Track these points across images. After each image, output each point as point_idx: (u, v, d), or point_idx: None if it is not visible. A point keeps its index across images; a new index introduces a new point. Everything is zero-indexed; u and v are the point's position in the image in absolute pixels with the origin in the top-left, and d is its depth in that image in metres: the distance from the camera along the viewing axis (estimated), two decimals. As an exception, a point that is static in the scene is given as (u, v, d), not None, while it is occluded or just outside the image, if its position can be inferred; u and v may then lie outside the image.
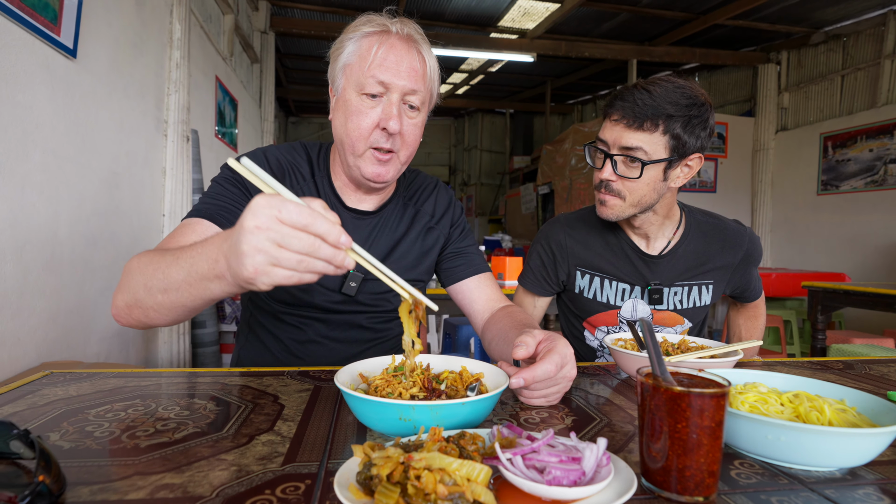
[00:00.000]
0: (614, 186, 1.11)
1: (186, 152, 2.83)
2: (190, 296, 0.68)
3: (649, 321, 0.51)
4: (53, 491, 0.43)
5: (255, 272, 0.54)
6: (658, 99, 1.03)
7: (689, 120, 1.04)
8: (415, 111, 0.95)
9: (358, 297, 1.03)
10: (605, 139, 1.11)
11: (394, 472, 0.43)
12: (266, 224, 0.53)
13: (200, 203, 0.93)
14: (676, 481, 0.47)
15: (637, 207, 1.13)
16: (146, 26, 2.48)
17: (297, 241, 0.53)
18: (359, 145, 0.93)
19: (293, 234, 0.53)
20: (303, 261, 0.54)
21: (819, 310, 3.13)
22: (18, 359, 1.57)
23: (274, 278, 0.55)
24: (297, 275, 0.56)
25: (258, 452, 0.55)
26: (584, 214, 1.31)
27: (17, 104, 1.56)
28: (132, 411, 0.67)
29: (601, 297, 1.25)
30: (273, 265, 0.54)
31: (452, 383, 0.69)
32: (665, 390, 0.47)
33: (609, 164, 1.10)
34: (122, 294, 0.76)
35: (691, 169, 1.12)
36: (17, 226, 1.57)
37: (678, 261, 1.22)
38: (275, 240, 0.53)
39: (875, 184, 4.78)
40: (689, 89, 1.06)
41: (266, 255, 0.54)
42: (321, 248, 0.54)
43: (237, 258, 0.55)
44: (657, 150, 1.06)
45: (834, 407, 0.59)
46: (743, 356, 0.99)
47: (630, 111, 1.05)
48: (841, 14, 4.96)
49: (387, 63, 0.89)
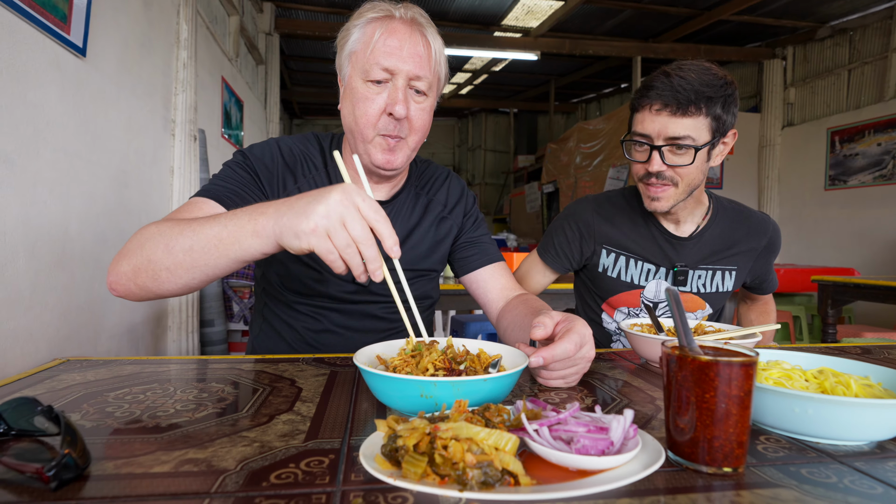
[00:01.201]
0: (667, 174, 1.10)
1: (194, 152, 2.84)
2: (216, 253, 0.69)
3: (676, 291, 0.51)
4: (80, 464, 0.43)
5: (313, 229, 0.61)
6: (695, 83, 1.02)
7: (725, 99, 1.05)
8: (422, 96, 0.94)
9: (372, 286, 1.03)
10: (647, 132, 1.08)
11: (420, 442, 0.43)
12: (347, 203, 0.62)
13: (211, 184, 0.93)
14: (705, 452, 0.46)
15: (687, 192, 1.13)
16: (153, 26, 2.49)
17: (359, 228, 0.61)
18: (367, 132, 0.93)
19: (359, 220, 0.62)
20: (350, 247, 0.62)
21: (829, 304, 3.11)
22: (31, 354, 1.58)
23: (320, 245, 0.62)
24: (335, 255, 0.62)
25: (279, 430, 0.55)
26: (612, 196, 1.31)
27: (29, 102, 1.57)
28: (150, 394, 0.67)
29: (625, 277, 1.25)
30: (327, 234, 0.61)
31: (471, 364, 0.68)
32: (693, 360, 0.46)
33: (656, 156, 1.08)
34: (129, 258, 0.75)
35: (727, 145, 1.13)
36: (30, 223, 1.58)
37: (705, 244, 1.23)
38: (343, 217, 0.61)
39: (884, 178, 4.74)
40: (716, 69, 1.06)
41: (330, 222, 0.61)
42: (371, 247, 0.63)
43: (304, 212, 0.62)
44: (702, 134, 1.06)
45: (860, 382, 0.58)
46: (762, 339, 0.98)
47: (673, 98, 1.03)
48: (847, 8, 4.93)
49: (390, 48, 0.89)
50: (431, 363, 0.65)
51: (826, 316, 3.12)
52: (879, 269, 4.75)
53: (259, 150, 1.01)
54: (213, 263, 0.71)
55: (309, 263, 1.00)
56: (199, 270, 0.72)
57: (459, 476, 0.41)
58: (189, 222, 0.73)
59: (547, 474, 0.44)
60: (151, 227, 0.76)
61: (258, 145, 1.02)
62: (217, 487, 0.42)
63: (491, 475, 0.41)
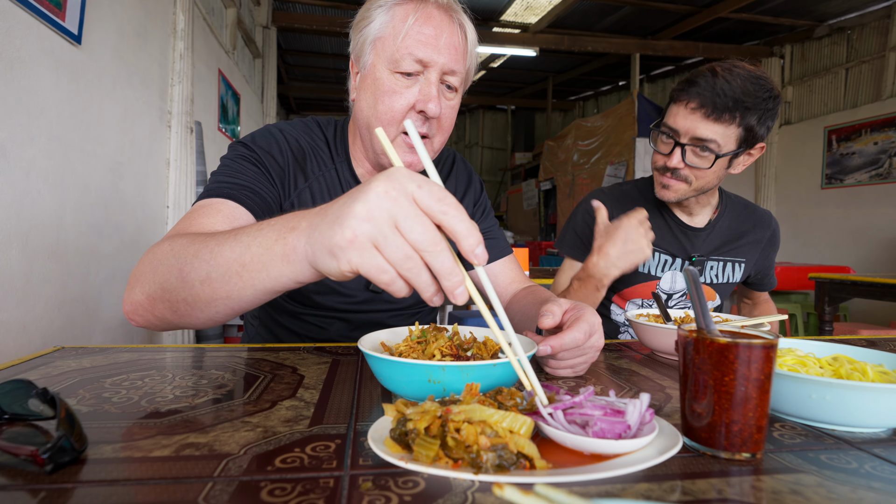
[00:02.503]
0: (682, 173, 1.10)
1: (190, 144, 2.81)
2: (240, 283, 0.54)
3: (695, 272, 0.49)
4: (76, 447, 0.42)
5: (351, 241, 0.42)
6: (737, 90, 0.99)
7: (764, 113, 1.02)
8: (452, 92, 0.85)
9: (384, 294, 0.97)
10: (676, 128, 1.07)
11: (431, 425, 0.42)
12: (396, 194, 0.42)
13: (214, 183, 0.81)
14: (723, 437, 0.45)
15: (698, 192, 1.14)
16: (150, 16, 2.46)
17: (421, 229, 0.42)
18: (390, 130, 0.82)
19: (419, 217, 0.42)
20: (411, 258, 0.42)
21: (826, 301, 3.12)
22: (24, 346, 1.55)
23: (365, 262, 0.43)
24: (391, 274, 0.43)
25: (283, 416, 0.54)
26: (627, 190, 1.30)
27: (23, 89, 1.54)
28: (148, 380, 0.65)
29: (642, 268, 1.25)
30: (376, 246, 0.43)
31: (477, 352, 0.67)
32: (711, 342, 0.45)
33: (678, 152, 1.07)
34: (143, 284, 0.63)
35: (752, 157, 1.11)
36: (23, 212, 1.55)
37: (717, 235, 1.25)
38: (395, 216, 0.42)
39: (880, 177, 4.76)
40: (766, 80, 1.03)
41: (376, 227, 0.42)
42: (441, 255, 0.42)
43: (339, 220, 0.44)
44: (729, 143, 1.04)
45: (876, 370, 0.57)
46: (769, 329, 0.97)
47: (710, 101, 1.01)
48: (845, 7, 4.94)
49: (425, 37, 0.79)
50: (438, 349, 0.63)
51: (823, 313, 3.12)
52: (875, 267, 4.77)
53: (263, 140, 0.88)
54: (238, 296, 0.56)
55: None
56: (221, 304, 0.58)
57: (473, 459, 0.39)
58: (205, 240, 0.59)
59: (561, 459, 0.42)
60: (164, 247, 0.64)
61: (260, 134, 0.90)
62: (220, 471, 0.41)
63: (506, 458, 0.39)
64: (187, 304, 0.60)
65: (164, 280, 0.60)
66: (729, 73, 1.01)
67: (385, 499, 0.37)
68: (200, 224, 0.73)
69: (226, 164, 0.85)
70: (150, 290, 0.62)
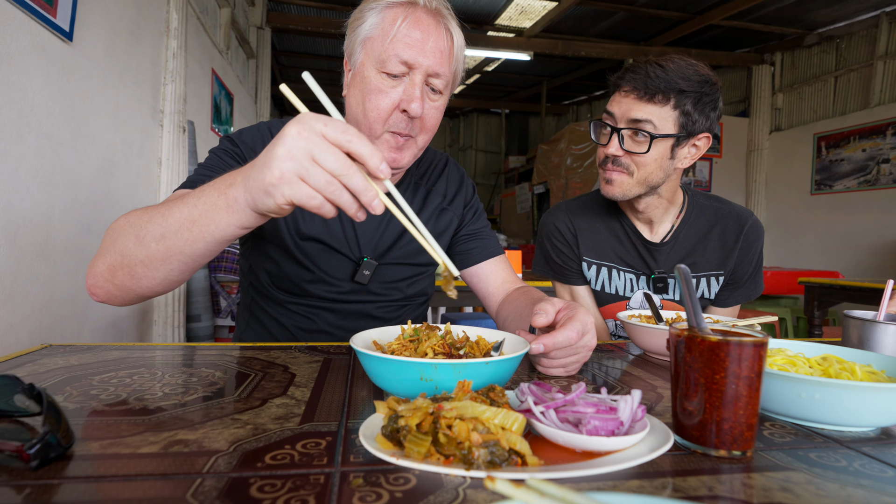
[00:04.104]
0: (622, 161, 1.08)
1: (183, 143, 2.79)
2: (191, 237, 0.62)
3: (686, 269, 0.50)
4: (63, 443, 0.41)
5: (279, 178, 0.52)
6: (671, 73, 1.02)
7: (700, 97, 1.03)
8: (437, 94, 0.88)
9: (370, 286, 0.99)
10: (612, 112, 1.08)
11: (423, 422, 0.41)
12: (307, 134, 0.51)
13: (195, 174, 0.87)
14: (714, 435, 0.45)
15: (643, 186, 1.10)
16: (143, 14, 2.44)
17: (333, 158, 0.51)
18: (376, 127, 0.86)
19: (330, 149, 0.51)
20: (331, 183, 0.51)
21: (816, 305, 3.15)
22: (11, 346, 1.53)
23: (296, 193, 0.52)
24: (319, 199, 0.52)
25: (273, 413, 0.53)
26: (586, 201, 1.28)
27: (12, 85, 1.52)
28: (137, 378, 0.64)
29: (609, 289, 1.22)
30: (301, 178, 0.52)
31: (470, 350, 0.67)
32: (702, 340, 0.45)
33: (616, 139, 1.07)
34: (103, 257, 0.69)
35: (699, 149, 1.10)
36: (11, 209, 1.53)
37: (679, 246, 1.19)
38: (310, 151, 0.51)
39: (868, 183, 4.82)
40: (701, 68, 1.05)
41: (297, 163, 0.51)
42: (354, 176, 0.52)
43: (266, 164, 0.53)
44: (666, 125, 1.04)
45: (864, 369, 0.58)
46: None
47: (642, 83, 1.03)
48: (834, 16, 5.01)
49: (412, 40, 0.82)
50: (430, 348, 0.63)
51: (812, 317, 3.15)
52: (863, 272, 4.83)
53: (249, 136, 0.94)
54: (190, 250, 0.64)
55: (303, 263, 0.95)
56: (175, 260, 0.65)
57: (465, 456, 0.39)
58: (157, 208, 0.67)
59: (553, 456, 0.42)
60: (121, 220, 0.70)
61: (247, 130, 0.95)
62: (209, 468, 0.40)
63: (497, 455, 0.39)
64: (144, 266, 0.66)
65: (123, 247, 0.67)
66: (664, 61, 1.04)
67: (376, 495, 0.37)
68: None
69: (210, 157, 0.91)
70: (110, 259, 0.68)
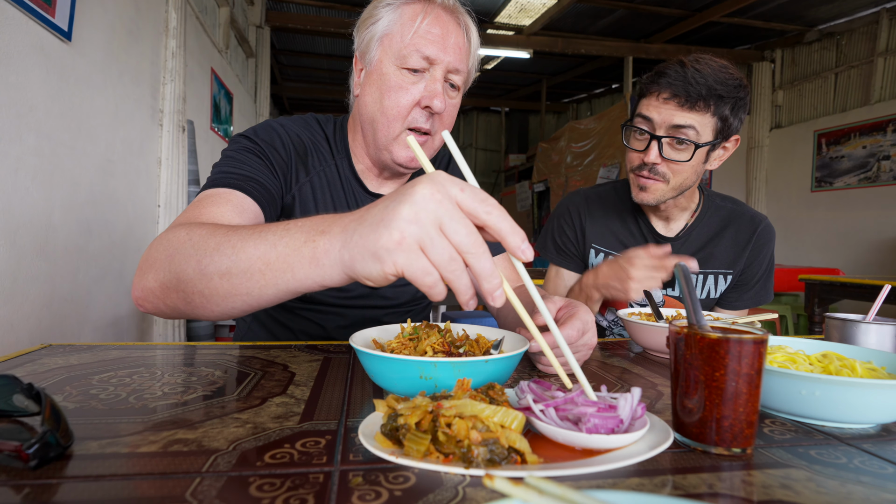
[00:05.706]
0: (659, 169, 1.05)
1: (182, 143, 2.79)
2: (262, 281, 0.53)
3: (685, 267, 0.49)
4: (62, 443, 0.41)
5: (398, 242, 0.42)
6: (709, 79, 0.98)
7: (736, 102, 1.01)
8: (455, 90, 0.87)
9: (380, 290, 0.97)
10: (650, 117, 1.04)
11: (422, 420, 0.41)
12: (440, 197, 0.43)
13: (219, 174, 0.80)
14: (714, 432, 0.45)
15: (677, 191, 1.09)
16: (141, 13, 2.44)
17: (465, 232, 0.43)
18: (395, 125, 0.84)
19: (463, 220, 0.43)
20: (454, 260, 0.43)
21: (816, 302, 3.15)
22: (11, 346, 1.53)
23: (411, 264, 0.43)
24: (435, 276, 0.43)
25: (273, 412, 0.53)
26: (603, 193, 1.28)
27: (10, 85, 1.52)
28: (137, 377, 0.64)
29: None
30: (420, 247, 0.43)
31: (469, 349, 0.67)
32: (702, 337, 0.45)
33: (655, 146, 1.03)
34: (157, 272, 0.61)
35: (727, 151, 1.09)
36: (11, 209, 1.53)
37: (691, 243, 1.20)
38: (440, 218, 0.43)
39: (868, 180, 4.81)
40: (734, 70, 1.02)
41: (422, 229, 0.42)
42: (483, 256, 0.43)
43: (384, 222, 0.44)
44: (706, 132, 1.02)
45: (864, 366, 0.58)
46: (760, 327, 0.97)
47: (683, 89, 0.99)
48: (835, 12, 5.00)
49: (433, 36, 0.82)
50: (430, 346, 0.63)
51: (813, 314, 3.15)
52: (863, 269, 4.83)
53: (266, 133, 0.89)
54: (258, 294, 0.54)
55: None
56: (239, 300, 0.56)
57: (464, 454, 0.39)
58: (227, 233, 0.57)
59: (552, 454, 0.42)
60: (181, 235, 0.61)
61: (262, 128, 0.90)
62: (208, 467, 0.40)
63: (497, 453, 0.39)
64: (203, 297, 0.58)
65: (181, 270, 0.58)
66: (697, 64, 1.00)
67: (375, 493, 0.37)
68: (211, 213, 0.71)
69: (229, 156, 0.84)
70: (165, 278, 0.60)
